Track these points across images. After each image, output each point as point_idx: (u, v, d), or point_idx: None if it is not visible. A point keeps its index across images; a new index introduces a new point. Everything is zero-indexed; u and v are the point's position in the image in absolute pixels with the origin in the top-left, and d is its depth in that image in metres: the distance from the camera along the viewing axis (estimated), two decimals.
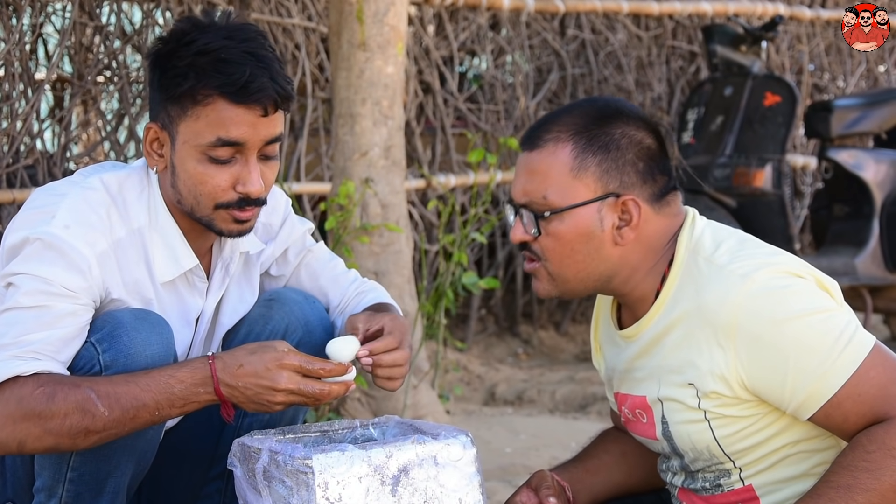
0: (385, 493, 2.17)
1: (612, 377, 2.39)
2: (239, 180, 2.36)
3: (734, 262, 2.17)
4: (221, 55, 2.31)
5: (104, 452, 2.34)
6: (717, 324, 2.14)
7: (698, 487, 2.29)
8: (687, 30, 6.82)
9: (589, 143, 2.22)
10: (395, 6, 4.53)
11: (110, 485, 2.37)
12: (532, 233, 2.24)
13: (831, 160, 5.84)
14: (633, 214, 2.22)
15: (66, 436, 2.22)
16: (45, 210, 2.33)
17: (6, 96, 4.54)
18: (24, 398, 2.20)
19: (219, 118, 2.32)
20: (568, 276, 2.25)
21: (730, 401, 2.17)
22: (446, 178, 5.79)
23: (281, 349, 2.29)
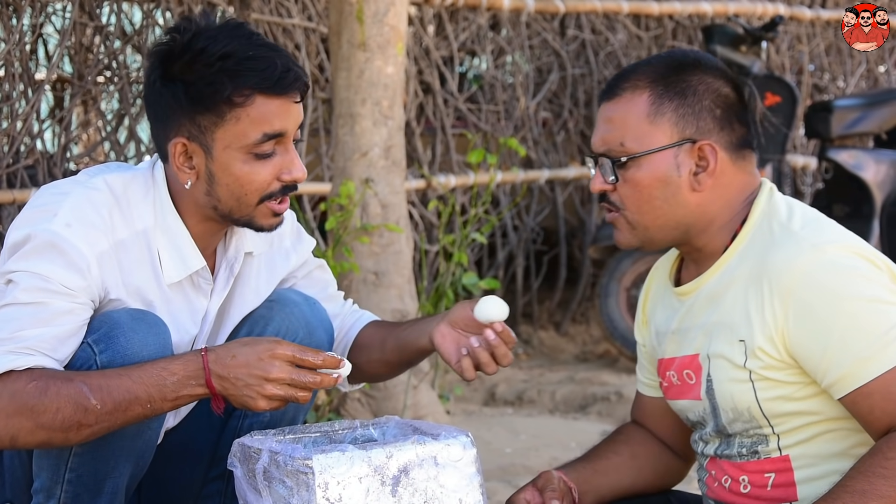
0: (385, 493, 2.17)
1: (657, 346, 2.40)
2: (282, 169, 2.38)
3: (808, 230, 2.19)
4: (247, 53, 2.33)
5: (102, 454, 2.34)
6: (777, 284, 2.15)
7: (733, 453, 2.28)
8: (687, 30, 6.82)
9: (666, 90, 2.25)
10: (395, 6, 4.53)
11: (108, 486, 2.37)
12: (610, 180, 2.27)
13: (831, 160, 5.84)
14: (709, 160, 2.24)
15: (59, 430, 2.21)
16: (48, 208, 2.34)
17: (6, 96, 4.54)
18: (16, 392, 2.20)
19: (261, 115, 2.34)
20: (647, 223, 2.27)
21: (775, 363, 2.17)
22: (446, 178, 5.79)
23: (273, 340, 2.29)
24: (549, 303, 6.48)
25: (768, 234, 2.22)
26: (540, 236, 6.37)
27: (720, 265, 2.26)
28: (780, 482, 2.23)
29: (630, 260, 5.71)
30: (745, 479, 2.26)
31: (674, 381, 2.35)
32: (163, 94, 2.37)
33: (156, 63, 2.39)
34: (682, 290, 2.33)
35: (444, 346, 2.49)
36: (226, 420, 2.60)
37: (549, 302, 6.48)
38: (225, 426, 2.60)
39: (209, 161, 2.37)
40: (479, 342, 2.43)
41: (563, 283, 6.39)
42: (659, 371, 2.40)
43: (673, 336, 2.35)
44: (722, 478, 2.30)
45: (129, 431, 2.33)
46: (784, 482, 2.23)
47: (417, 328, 2.57)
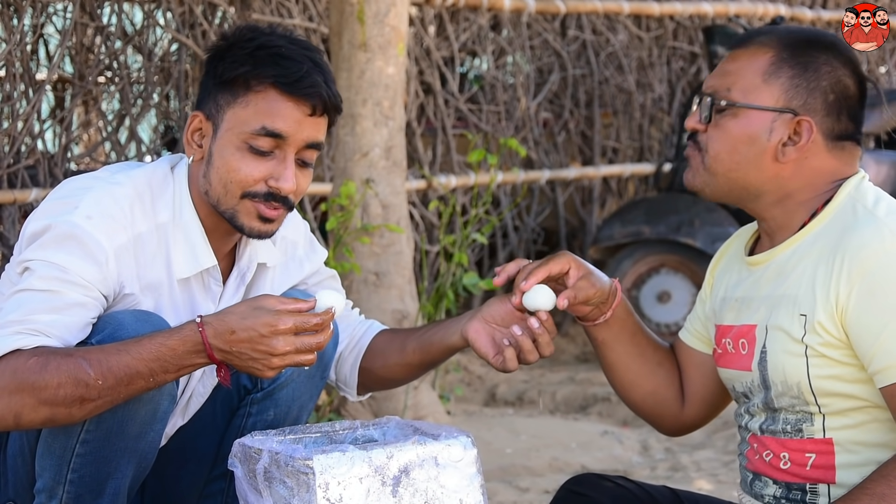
0: (386, 493, 2.17)
1: (717, 310, 2.40)
2: (272, 175, 2.38)
3: (892, 218, 2.18)
4: (282, 52, 2.38)
5: (104, 455, 2.34)
6: (849, 263, 2.14)
7: (778, 429, 2.27)
8: (688, 31, 6.82)
9: (790, 56, 2.26)
10: (395, 7, 4.53)
11: (110, 487, 2.37)
12: (703, 117, 2.28)
13: None
14: (803, 136, 2.24)
15: (61, 405, 2.20)
16: (69, 200, 2.35)
17: (7, 97, 4.55)
18: (18, 369, 2.20)
19: (268, 107, 2.36)
20: (720, 171, 2.27)
21: (832, 341, 2.16)
22: (447, 178, 5.79)
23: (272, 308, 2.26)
24: None
25: (851, 216, 2.21)
26: (540, 237, 6.37)
27: (795, 240, 2.25)
28: (820, 464, 2.22)
29: (631, 261, 5.71)
30: (786, 455, 2.25)
31: (728, 348, 2.34)
32: (205, 73, 2.43)
33: (213, 51, 2.45)
34: (754, 260, 2.32)
35: (480, 342, 2.49)
36: (229, 419, 2.61)
37: None
38: (228, 425, 2.60)
39: (214, 141, 2.40)
40: (522, 330, 2.44)
41: None
42: (715, 338, 2.39)
43: (736, 303, 2.34)
44: (763, 452, 2.29)
45: (131, 432, 2.34)
46: (824, 464, 2.22)
47: (445, 327, 2.58)
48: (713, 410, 2.50)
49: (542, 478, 4.23)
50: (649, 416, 2.51)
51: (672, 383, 2.48)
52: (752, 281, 2.32)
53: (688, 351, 2.49)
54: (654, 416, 2.50)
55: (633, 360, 2.47)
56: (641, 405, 2.50)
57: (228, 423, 2.60)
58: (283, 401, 2.59)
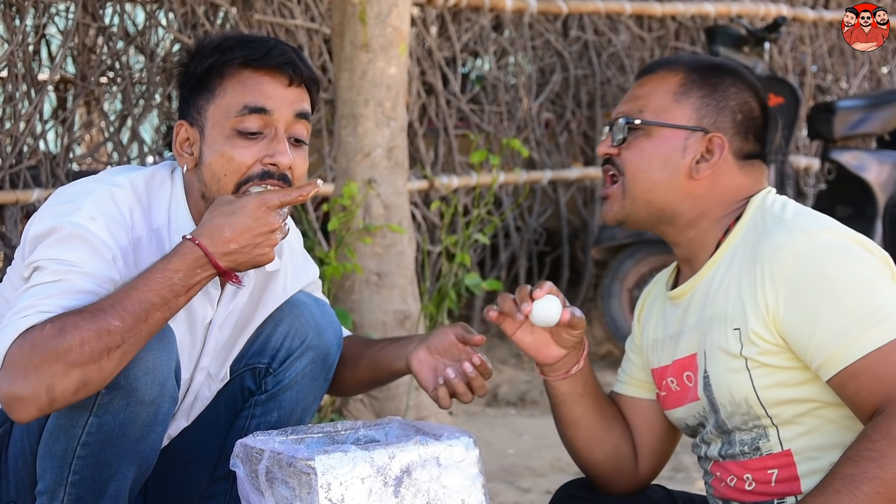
0: (388, 494, 2.17)
1: (650, 356, 2.41)
2: (266, 154, 2.38)
3: (800, 218, 2.23)
4: (245, 36, 2.43)
5: (105, 457, 2.34)
6: (769, 268, 2.17)
7: (736, 452, 2.28)
8: (690, 31, 6.82)
9: (699, 78, 2.32)
10: (397, 7, 4.53)
11: (112, 488, 2.37)
12: (618, 140, 2.31)
13: (834, 161, 5.84)
14: (716, 153, 2.29)
15: (91, 361, 2.16)
16: (72, 203, 2.35)
17: (9, 97, 4.55)
18: (36, 341, 2.16)
19: (244, 87, 2.38)
20: (637, 193, 2.30)
21: (770, 347, 2.18)
22: (449, 179, 5.79)
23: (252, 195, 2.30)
24: None
25: (761, 225, 2.25)
26: (542, 237, 6.37)
27: (713, 262, 2.29)
28: (784, 477, 2.23)
29: (633, 261, 5.71)
30: (749, 476, 2.26)
31: (673, 387, 2.35)
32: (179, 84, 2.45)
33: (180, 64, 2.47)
34: (677, 293, 2.35)
35: (422, 373, 2.51)
36: (232, 420, 2.61)
37: None
38: (231, 426, 2.60)
39: (202, 143, 2.41)
40: (456, 373, 2.46)
41: (566, 285, 6.39)
42: (656, 381, 2.40)
43: (670, 341, 2.36)
44: (727, 478, 2.30)
45: (132, 435, 2.33)
46: (787, 477, 2.23)
47: (394, 350, 2.58)
48: (663, 458, 2.50)
49: (544, 478, 4.23)
50: (609, 475, 2.47)
51: (627, 437, 2.47)
52: (681, 314, 2.34)
53: (629, 402, 2.49)
54: (613, 474, 2.46)
55: (596, 415, 2.45)
56: (603, 464, 2.46)
57: (232, 425, 2.60)
58: (287, 402, 2.59)
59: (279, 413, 2.58)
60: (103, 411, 2.28)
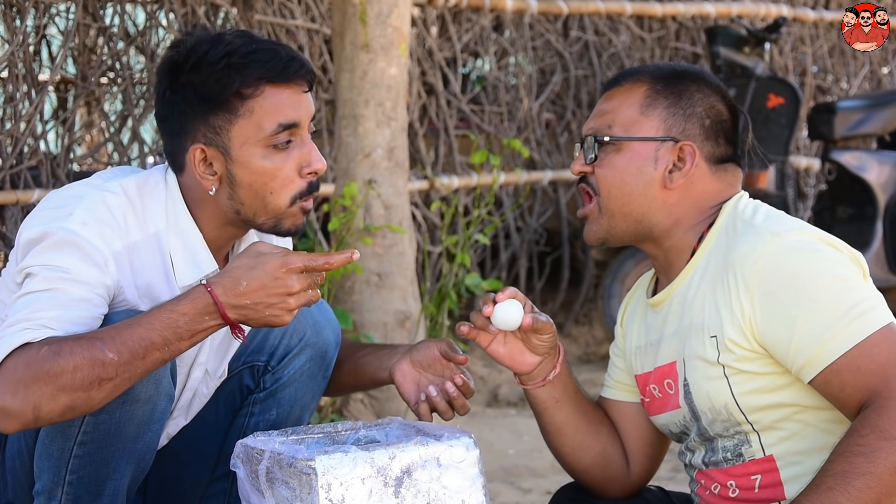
0: (388, 494, 2.17)
1: (633, 361, 2.42)
2: (302, 162, 2.38)
3: (769, 222, 2.23)
4: (250, 48, 2.35)
5: (102, 456, 2.33)
6: (741, 274, 2.18)
7: (719, 459, 2.28)
8: (690, 31, 6.82)
9: (664, 88, 2.32)
10: (398, 8, 4.53)
11: (109, 487, 2.37)
12: (590, 158, 2.33)
13: (834, 162, 5.84)
14: (687, 161, 2.30)
15: (80, 389, 2.15)
16: (63, 209, 2.33)
17: (10, 98, 4.55)
18: (30, 360, 2.15)
19: (273, 105, 2.35)
20: (614, 208, 2.31)
21: (747, 354, 2.18)
22: (449, 179, 5.79)
23: (278, 253, 2.24)
24: (552, 304, 6.48)
25: (732, 231, 2.25)
26: (543, 237, 6.37)
27: (688, 270, 2.29)
28: (767, 483, 2.23)
29: (633, 261, 5.71)
30: (732, 483, 2.27)
31: (655, 394, 2.35)
32: (174, 102, 2.37)
33: (163, 75, 2.39)
34: (656, 301, 2.35)
35: (405, 387, 2.51)
36: (231, 418, 2.61)
37: (552, 303, 6.48)
38: (231, 425, 2.60)
39: (229, 163, 2.36)
40: (438, 391, 2.46)
41: (566, 285, 6.39)
42: (640, 387, 2.41)
43: (651, 348, 2.36)
44: (711, 485, 2.30)
45: (129, 433, 2.33)
46: (771, 482, 2.23)
47: (378, 359, 2.58)
48: (656, 462, 2.49)
49: (545, 479, 4.23)
50: (599, 480, 2.46)
51: (616, 441, 2.46)
52: (660, 321, 2.34)
53: (618, 406, 2.48)
54: (603, 479, 2.46)
55: (579, 420, 2.44)
56: (592, 469, 2.45)
57: (231, 423, 2.60)
58: (286, 400, 2.59)
59: (278, 411, 2.58)
60: (99, 410, 2.27)
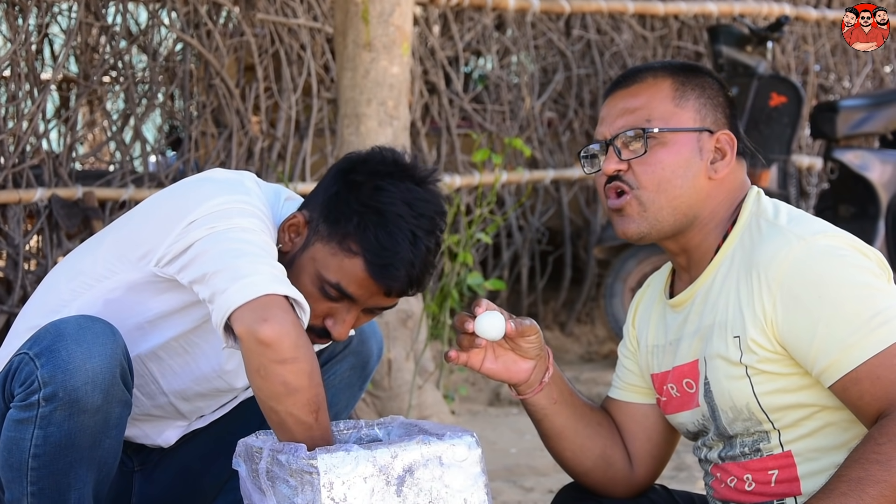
0: (390, 493, 2.17)
1: (650, 360, 2.40)
2: (331, 315, 2.38)
3: (794, 224, 2.22)
4: (390, 225, 2.32)
5: (59, 467, 2.33)
6: (766, 276, 2.17)
7: (736, 454, 2.28)
8: (692, 30, 6.82)
9: (687, 80, 2.31)
10: (400, 6, 4.53)
11: (73, 497, 2.36)
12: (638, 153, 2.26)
13: (837, 161, 5.84)
14: (727, 150, 2.28)
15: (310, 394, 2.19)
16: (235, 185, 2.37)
17: (12, 96, 4.55)
18: (303, 332, 2.20)
19: (349, 272, 2.34)
20: (663, 202, 2.27)
21: (769, 355, 2.18)
22: (451, 178, 5.79)
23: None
24: (554, 303, 6.48)
25: (756, 231, 2.24)
26: (545, 236, 6.37)
27: (711, 269, 2.28)
28: (784, 478, 2.23)
29: (635, 260, 5.71)
30: (749, 477, 2.26)
31: (673, 393, 2.35)
32: (334, 177, 2.40)
33: (352, 161, 2.42)
34: (677, 301, 2.34)
35: None
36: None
37: (554, 302, 6.48)
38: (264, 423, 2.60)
39: (300, 253, 2.38)
40: None
41: (568, 284, 6.39)
42: (656, 386, 2.40)
43: (670, 347, 2.35)
44: (727, 479, 2.30)
45: (83, 443, 2.32)
46: (787, 478, 2.23)
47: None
48: (661, 463, 2.49)
49: (547, 477, 4.23)
50: (601, 482, 2.45)
51: (617, 442, 2.45)
52: (681, 321, 2.33)
53: (625, 408, 2.47)
54: (607, 481, 2.45)
55: (577, 423, 2.43)
56: (593, 472, 2.45)
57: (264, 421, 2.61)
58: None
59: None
60: (46, 423, 2.28)
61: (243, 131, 5.30)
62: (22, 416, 2.29)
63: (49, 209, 4.60)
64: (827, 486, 2.10)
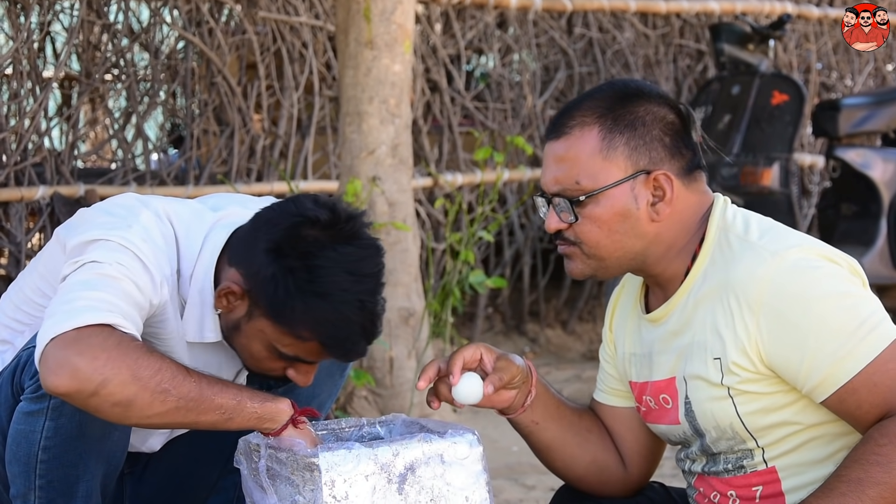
0: (392, 491, 2.17)
1: (627, 367, 2.39)
2: (291, 368, 2.39)
3: (766, 239, 2.18)
4: (336, 304, 2.30)
5: (69, 459, 2.33)
6: (744, 297, 2.14)
7: (720, 469, 2.27)
8: (694, 28, 6.82)
9: (615, 124, 2.22)
10: (402, 4, 4.53)
11: (81, 489, 2.36)
12: (569, 220, 2.24)
13: (839, 159, 5.83)
14: (665, 189, 2.22)
15: (150, 390, 2.14)
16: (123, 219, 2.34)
17: (14, 94, 4.55)
18: (123, 341, 2.16)
19: (311, 351, 2.35)
20: (604, 255, 2.25)
21: (752, 376, 2.16)
22: (453, 176, 5.79)
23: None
24: (556, 301, 6.48)
25: (727, 249, 2.20)
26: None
27: (686, 288, 2.24)
28: (768, 493, 2.22)
29: None
30: (733, 493, 2.26)
31: (651, 405, 2.34)
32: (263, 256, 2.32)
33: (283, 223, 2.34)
34: (653, 317, 2.31)
35: None
36: None
37: (556, 300, 6.48)
38: None
39: (244, 320, 2.37)
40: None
41: (570, 282, 6.39)
42: (634, 394, 2.38)
43: (645, 359, 2.33)
44: (711, 493, 2.29)
45: (94, 434, 2.33)
46: (772, 493, 2.22)
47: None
48: (653, 462, 2.48)
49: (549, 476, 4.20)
50: (597, 486, 2.45)
51: (608, 446, 2.44)
52: (656, 336, 2.30)
53: (610, 411, 2.46)
54: (601, 484, 2.45)
55: (566, 434, 2.43)
56: (586, 478, 2.45)
57: None
58: (304, 395, 2.60)
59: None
60: (57, 415, 2.28)
61: (245, 129, 5.30)
62: (33, 407, 2.29)
63: (51, 207, 4.60)
64: (826, 485, 2.10)
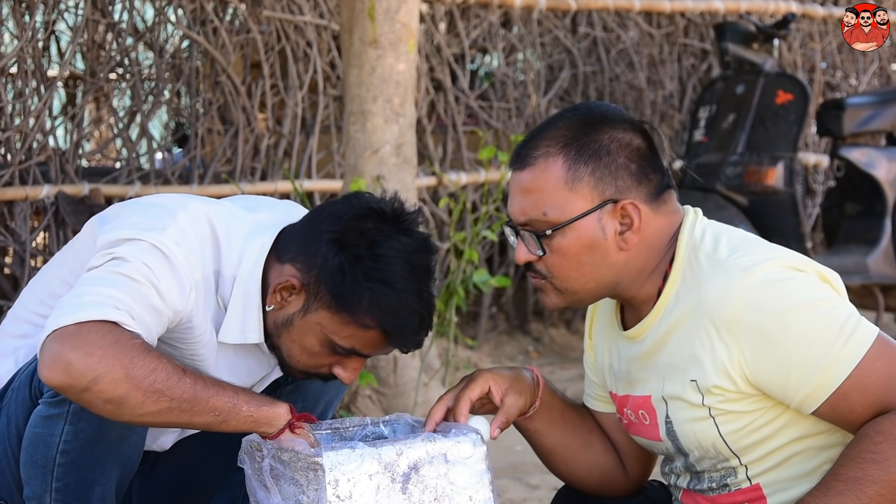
0: (395, 490, 2.17)
1: (608, 379, 2.40)
2: (339, 365, 2.40)
3: (735, 256, 2.16)
4: (400, 293, 2.31)
5: (87, 462, 2.34)
6: (719, 318, 2.13)
7: (704, 488, 2.27)
8: (699, 27, 6.81)
9: (579, 154, 2.19)
10: (406, 4, 4.53)
11: (97, 492, 2.37)
12: (537, 253, 2.22)
13: (843, 158, 5.83)
14: (633, 218, 2.19)
15: (142, 389, 2.14)
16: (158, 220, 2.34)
17: (19, 93, 4.56)
18: (120, 338, 2.15)
19: (365, 339, 2.35)
20: (576, 287, 2.24)
21: (733, 396, 2.15)
22: (457, 175, 5.79)
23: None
24: None
25: (697, 268, 2.19)
26: None
27: (658, 309, 2.23)
28: None
29: None
30: None
31: (632, 418, 2.34)
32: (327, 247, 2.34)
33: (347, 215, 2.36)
34: (630, 335, 2.30)
35: None
36: None
37: None
38: None
39: (299, 316, 2.37)
40: None
41: None
42: (616, 405, 2.39)
43: (624, 374, 2.33)
44: None
45: (112, 439, 2.34)
46: None
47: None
48: (650, 461, 2.48)
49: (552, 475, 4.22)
50: (595, 486, 2.46)
51: (609, 448, 2.45)
52: (633, 353, 2.30)
53: (601, 416, 2.48)
54: (604, 485, 2.46)
55: (568, 438, 2.44)
56: (588, 479, 2.46)
57: None
58: (312, 394, 2.61)
59: (303, 404, 2.58)
60: (77, 419, 2.28)
61: (249, 128, 5.31)
62: (52, 412, 2.30)
63: (55, 206, 4.60)
64: (823, 484, 2.10)
